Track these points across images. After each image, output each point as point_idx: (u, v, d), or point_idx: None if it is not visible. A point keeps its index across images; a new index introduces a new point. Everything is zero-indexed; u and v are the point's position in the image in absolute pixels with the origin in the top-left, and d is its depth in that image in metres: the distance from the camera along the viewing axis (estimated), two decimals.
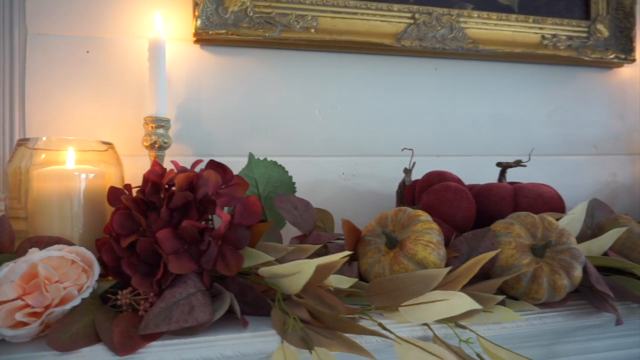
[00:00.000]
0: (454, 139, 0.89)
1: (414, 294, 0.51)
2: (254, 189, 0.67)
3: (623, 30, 0.93)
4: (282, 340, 0.47)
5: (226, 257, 0.53)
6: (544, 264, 0.54)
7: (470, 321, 0.52)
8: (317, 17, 0.79)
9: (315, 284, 0.50)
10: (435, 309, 0.47)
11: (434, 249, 0.54)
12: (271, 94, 0.80)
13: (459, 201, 0.62)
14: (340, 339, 0.47)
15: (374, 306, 0.52)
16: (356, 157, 0.84)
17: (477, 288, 0.53)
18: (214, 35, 0.75)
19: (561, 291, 0.53)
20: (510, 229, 0.56)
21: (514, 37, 0.88)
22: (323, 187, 0.82)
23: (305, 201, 0.67)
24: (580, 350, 0.70)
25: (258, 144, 0.80)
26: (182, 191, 0.52)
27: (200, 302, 0.49)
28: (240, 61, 0.79)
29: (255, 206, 0.57)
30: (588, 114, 0.95)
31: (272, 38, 0.76)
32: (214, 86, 0.78)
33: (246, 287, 0.53)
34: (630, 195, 0.97)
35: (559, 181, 0.94)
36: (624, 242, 0.64)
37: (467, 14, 0.86)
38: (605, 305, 0.55)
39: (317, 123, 0.82)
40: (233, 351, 0.47)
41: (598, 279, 0.54)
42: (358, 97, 0.84)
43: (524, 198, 0.65)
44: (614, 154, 0.97)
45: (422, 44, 0.82)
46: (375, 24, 0.81)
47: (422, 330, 0.51)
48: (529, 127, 0.92)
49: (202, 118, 0.78)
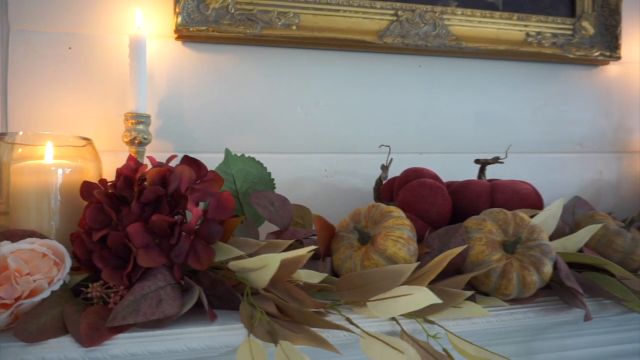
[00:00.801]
0: (438, 137, 0.89)
1: (382, 289, 0.51)
2: (232, 184, 0.67)
3: (608, 28, 0.93)
4: (249, 334, 0.47)
5: (198, 251, 0.53)
6: (514, 260, 0.54)
7: (440, 316, 0.52)
8: (299, 14, 0.79)
9: (283, 279, 0.50)
10: (400, 304, 0.47)
11: (404, 244, 0.54)
12: (253, 91, 0.81)
13: (433, 197, 0.62)
14: (306, 333, 0.47)
15: (344, 301, 0.53)
16: (339, 154, 0.84)
17: (446, 284, 0.53)
18: (195, 32, 0.75)
19: (531, 287, 0.54)
20: (482, 225, 0.56)
21: (498, 34, 0.88)
22: (305, 184, 0.83)
23: (282, 197, 0.67)
24: (556, 348, 0.70)
25: (240, 141, 0.80)
26: (153, 186, 0.52)
27: (169, 295, 0.50)
28: (222, 58, 0.80)
29: (228, 201, 0.57)
30: (573, 111, 0.95)
31: (252, 35, 0.77)
32: (196, 83, 0.79)
33: (217, 282, 0.53)
34: (615, 193, 0.97)
35: (544, 179, 0.94)
36: (600, 239, 0.64)
37: (451, 11, 0.86)
38: (575, 302, 0.55)
39: (299, 120, 0.83)
40: (199, 344, 0.47)
41: (568, 275, 0.54)
42: (341, 94, 0.84)
43: (500, 195, 0.66)
44: (599, 151, 0.97)
45: (404, 41, 0.82)
46: (357, 21, 0.82)
47: (390, 325, 0.51)
48: (513, 125, 0.92)
49: (183, 114, 0.78)
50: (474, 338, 0.61)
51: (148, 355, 0.46)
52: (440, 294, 0.52)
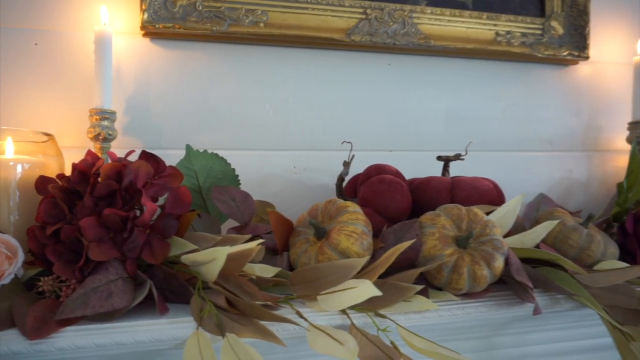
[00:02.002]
0: (408, 134, 0.89)
1: (333, 282, 0.52)
2: (194, 180, 0.67)
3: (577, 28, 0.94)
4: (198, 327, 0.48)
5: (153, 245, 0.54)
6: (466, 255, 0.55)
7: (391, 310, 0.53)
8: (267, 12, 0.80)
9: (234, 272, 0.51)
10: (345, 297, 0.47)
11: (357, 239, 0.54)
12: (222, 88, 0.81)
13: (392, 193, 0.63)
14: (253, 326, 0.47)
15: (296, 295, 0.53)
16: (308, 152, 0.85)
17: (397, 278, 0.54)
18: (162, 29, 0.75)
19: (481, 281, 0.54)
20: (436, 220, 0.57)
21: (467, 33, 0.89)
22: (274, 181, 0.83)
23: (245, 193, 0.67)
24: (517, 343, 0.71)
25: (208, 137, 0.80)
26: (107, 180, 0.53)
27: (120, 288, 0.50)
28: (190, 55, 0.80)
29: (185, 196, 0.58)
30: (543, 110, 0.96)
31: (220, 32, 0.77)
32: (164, 79, 0.79)
33: (170, 275, 0.53)
34: (585, 192, 0.98)
35: (514, 177, 0.95)
36: (557, 235, 0.65)
37: (420, 9, 0.86)
38: (528, 296, 0.56)
39: (268, 117, 0.83)
40: (147, 337, 0.47)
41: (518, 270, 0.55)
42: (310, 91, 0.85)
43: (460, 191, 0.66)
44: (569, 150, 0.98)
45: (372, 39, 0.83)
46: (326, 19, 0.82)
47: (341, 319, 0.52)
48: (483, 123, 0.93)
49: (151, 111, 0.79)
50: (431, 333, 0.61)
51: (95, 347, 0.46)
52: (391, 288, 0.53)
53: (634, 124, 0.93)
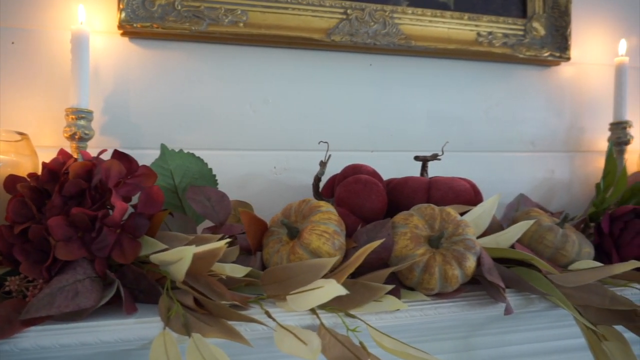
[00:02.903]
0: (389, 135, 0.89)
1: (303, 282, 0.51)
2: (170, 180, 0.67)
3: (559, 29, 0.94)
4: (165, 327, 0.47)
5: (123, 245, 0.53)
6: (438, 255, 0.55)
7: (361, 310, 0.52)
8: (247, 12, 0.79)
9: (202, 272, 0.50)
10: (312, 297, 0.47)
11: (329, 238, 0.54)
12: (202, 88, 0.81)
13: (367, 193, 0.63)
14: (220, 326, 0.47)
15: (266, 295, 0.53)
16: (288, 152, 0.84)
17: (368, 278, 0.53)
18: (140, 29, 0.75)
19: (453, 281, 0.54)
20: (409, 220, 0.57)
21: (449, 34, 0.89)
22: (254, 181, 0.83)
23: (221, 193, 0.67)
24: (496, 343, 0.71)
25: (188, 137, 0.80)
26: (76, 179, 0.52)
27: (87, 288, 0.49)
28: (170, 54, 0.80)
29: (157, 195, 0.57)
30: (526, 111, 0.96)
31: (198, 31, 0.77)
32: (143, 79, 0.79)
33: (140, 275, 0.53)
34: (567, 192, 0.98)
35: (496, 177, 0.95)
36: (533, 234, 0.65)
37: (401, 10, 0.86)
38: (500, 296, 0.56)
39: (248, 117, 0.83)
40: (113, 337, 0.47)
41: (490, 270, 0.55)
42: (291, 91, 0.84)
43: (436, 191, 0.66)
44: (552, 151, 0.98)
45: (353, 39, 0.83)
46: (306, 19, 0.82)
47: (311, 319, 0.52)
48: (465, 124, 0.93)
49: (130, 111, 0.78)
50: (408, 333, 0.61)
51: (59, 348, 0.46)
52: (362, 288, 0.52)
53: (615, 124, 0.93)
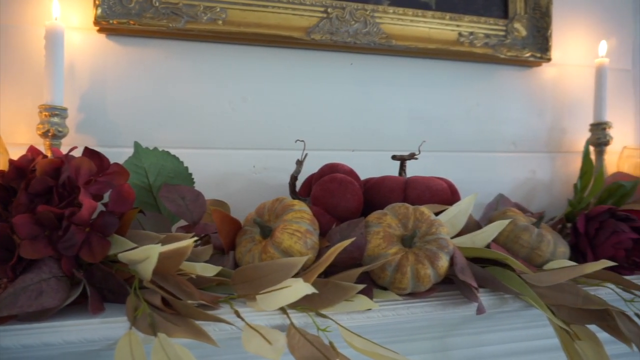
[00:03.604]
0: (370, 134, 0.89)
1: (273, 281, 0.51)
2: (144, 178, 0.66)
3: (540, 30, 0.94)
4: (131, 327, 0.46)
5: (92, 244, 0.53)
6: (410, 254, 0.54)
7: (332, 310, 0.52)
8: (226, 9, 0.79)
9: (170, 271, 0.50)
10: (280, 296, 0.47)
11: (300, 237, 0.54)
12: (180, 86, 0.80)
13: (342, 192, 0.62)
14: (187, 326, 0.46)
15: (237, 294, 0.52)
16: (268, 150, 0.84)
17: (340, 277, 0.53)
18: (117, 25, 0.74)
19: (425, 281, 0.54)
20: (382, 219, 0.56)
21: (430, 33, 0.89)
22: (233, 180, 0.82)
23: (196, 192, 0.66)
24: (472, 343, 0.71)
25: (166, 135, 0.79)
26: (43, 176, 0.51)
27: (52, 288, 0.49)
28: (148, 52, 0.79)
29: (128, 194, 0.57)
30: (507, 111, 0.96)
31: (176, 29, 0.76)
32: (121, 76, 0.78)
33: (108, 275, 0.52)
34: (548, 192, 0.98)
35: (478, 177, 0.95)
36: (509, 234, 0.65)
37: (383, 9, 0.86)
38: (473, 295, 0.55)
39: (227, 115, 0.82)
40: (77, 337, 0.46)
41: (463, 269, 0.55)
42: (270, 90, 0.84)
43: (412, 190, 0.66)
44: (533, 151, 0.98)
45: (333, 38, 0.83)
46: (286, 17, 0.81)
47: (281, 319, 0.51)
48: (446, 123, 0.93)
49: (107, 108, 0.77)
50: (383, 334, 0.61)
51: (21, 349, 0.45)
52: (333, 287, 0.52)
53: (595, 125, 0.94)
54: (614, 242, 0.65)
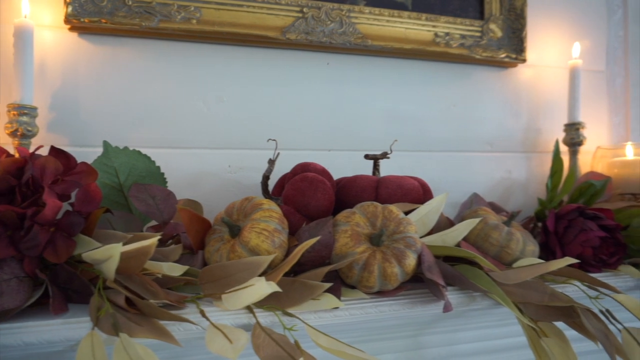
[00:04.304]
0: (347, 134, 0.89)
1: (240, 280, 0.51)
2: (114, 178, 0.66)
3: (515, 31, 0.95)
4: (94, 327, 0.46)
5: (56, 244, 0.52)
6: (378, 252, 0.54)
7: (299, 309, 0.52)
8: (200, 9, 0.78)
9: (134, 270, 0.49)
10: (244, 296, 0.47)
11: (268, 236, 0.54)
12: (154, 85, 0.80)
13: (312, 191, 0.62)
14: (150, 326, 0.46)
15: (203, 294, 0.52)
16: (243, 150, 0.84)
17: (307, 276, 0.53)
18: (88, 23, 0.73)
19: (392, 279, 0.54)
20: (351, 217, 0.57)
21: (406, 34, 0.89)
22: (208, 180, 0.82)
23: (167, 191, 0.66)
24: (445, 342, 0.71)
25: (139, 135, 0.79)
26: (4, 175, 0.51)
27: (13, 288, 0.48)
28: (121, 51, 0.78)
29: (95, 193, 0.56)
30: (483, 111, 0.97)
31: (149, 28, 0.76)
32: (93, 75, 0.77)
33: (73, 275, 0.52)
34: (524, 192, 0.99)
35: (454, 177, 0.96)
36: (479, 233, 0.65)
37: (359, 9, 0.86)
38: (440, 293, 0.56)
39: (201, 115, 0.82)
40: (37, 338, 0.45)
41: (430, 267, 0.55)
42: (246, 89, 0.84)
43: (384, 189, 0.66)
44: (509, 151, 0.99)
45: (308, 37, 0.83)
46: (261, 16, 0.81)
47: (247, 318, 0.51)
48: (423, 123, 0.93)
49: (79, 107, 0.76)
50: (354, 332, 0.61)
51: None
52: (300, 286, 0.52)
53: (569, 125, 0.95)
54: (582, 240, 0.66)
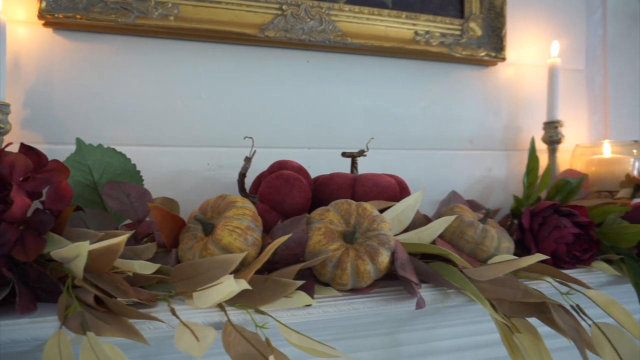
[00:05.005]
0: (327, 132, 0.89)
1: (212, 278, 0.50)
2: (88, 176, 0.65)
3: (495, 30, 0.96)
4: (61, 326, 0.45)
5: (25, 242, 0.51)
6: (351, 250, 0.54)
7: (272, 307, 0.52)
8: (178, 5, 0.78)
9: (104, 268, 0.49)
10: (213, 294, 0.46)
11: (241, 234, 0.53)
12: (131, 82, 0.79)
13: (288, 189, 0.62)
14: (118, 325, 0.46)
15: (174, 292, 0.52)
16: (222, 148, 0.83)
17: (279, 274, 0.53)
18: (63, 19, 0.72)
19: (365, 276, 0.54)
20: (324, 215, 0.57)
21: (386, 32, 0.89)
22: (186, 178, 0.81)
23: (142, 189, 0.65)
24: (423, 339, 0.71)
25: (116, 133, 0.78)
26: None
27: None
28: (98, 47, 0.77)
29: (66, 191, 0.55)
30: (463, 109, 0.98)
31: (125, 24, 0.75)
32: (68, 72, 0.76)
33: (42, 274, 0.51)
34: (504, 190, 1.00)
35: (434, 175, 0.96)
36: (455, 230, 0.66)
37: (339, 7, 0.86)
38: (414, 290, 0.56)
39: (180, 112, 0.81)
40: (3, 337, 0.45)
41: (403, 265, 0.55)
42: (225, 87, 0.83)
43: (360, 187, 0.66)
44: (489, 149, 1.00)
45: (287, 35, 0.82)
46: (240, 14, 0.81)
47: (219, 316, 0.51)
48: (403, 121, 0.94)
49: (54, 104, 0.75)
50: (329, 330, 0.61)
51: None
52: (273, 284, 0.52)
53: (548, 124, 0.96)
54: (556, 236, 0.67)
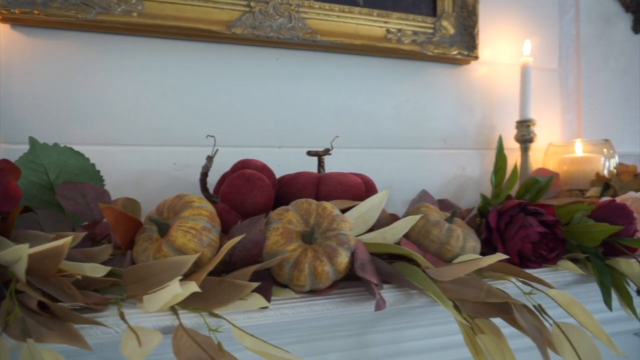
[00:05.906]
0: (297, 131, 0.88)
1: (164, 281, 0.49)
2: (43, 176, 0.63)
3: (467, 28, 0.95)
4: (1, 333, 0.44)
5: None
6: (310, 251, 0.53)
7: (226, 309, 0.50)
8: (142, 1, 0.76)
9: (49, 272, 0.47)
10: (161, 297, 0.45)
11: (195, 235, 0.52)
12: (95, 80, 0.77)
13: (249, 189, 0.61)
14: (61, 331, 0.44)
15: (126, 295, 0.50)
16: (189, 147, 0.82)
17: (234, 275, 0.51)
18: (20, 15, 0.70)
19: (323, 277, 0.53)
20: (283, 215, 0.55)
21: (357, 29, 0.88)
22: (152, 178, 0.79)
23: (101, 190, 0.64)
24: (391, 340, 0.71)
25: (79, 132, 0.76)
26: None
27: None
28: (59, 44, 0.75)
29: (15, 192, 0.53)
30: (437, 108, 0.97)
31: (85, 20, 0.73)
32: (28, 69, 0.74)
33: None
34: (478, 189, 1.00)
35: (408, 174, 0.95)
36: (420, 229, 0.65)
37: (308, 4, 0.85)
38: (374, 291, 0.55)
39: (145, 111, 0.79)
40: None
41: (363, 265, 0.54)
42: (192, 85, 0.82)
43: (325, 186, 0.65)
44: (463, 148, 0.99)
45: (255, 32, 0.81)
46: (207, 10, 0.79)
47: (171, 320, 0.49)
48: (376, 120, 0.93)
49: (13, 102, 0.73)
50: (292, 333, 0.60)
51: None
52: (228, 286, 0.51)
53: (521, 122, 0.95)
54: (522, 235, 0.66)
